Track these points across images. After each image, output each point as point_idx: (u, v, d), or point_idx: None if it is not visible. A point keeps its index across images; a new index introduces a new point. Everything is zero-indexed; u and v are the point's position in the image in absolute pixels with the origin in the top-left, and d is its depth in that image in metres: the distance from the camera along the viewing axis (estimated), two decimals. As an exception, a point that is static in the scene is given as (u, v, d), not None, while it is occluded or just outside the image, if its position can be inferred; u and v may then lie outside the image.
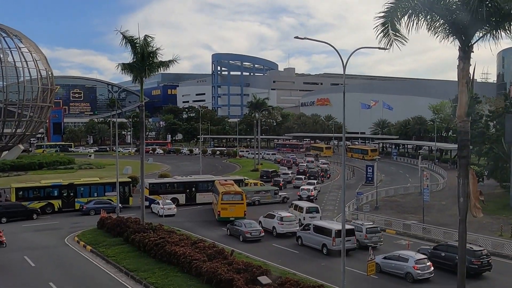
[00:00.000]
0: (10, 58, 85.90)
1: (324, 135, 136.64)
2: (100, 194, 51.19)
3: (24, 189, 49.86)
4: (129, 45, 36.41)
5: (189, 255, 27.39)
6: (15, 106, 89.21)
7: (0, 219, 44.55)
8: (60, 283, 26.43)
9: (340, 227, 32.12)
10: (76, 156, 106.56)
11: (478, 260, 27.77)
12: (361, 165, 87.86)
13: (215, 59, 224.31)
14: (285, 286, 22.33)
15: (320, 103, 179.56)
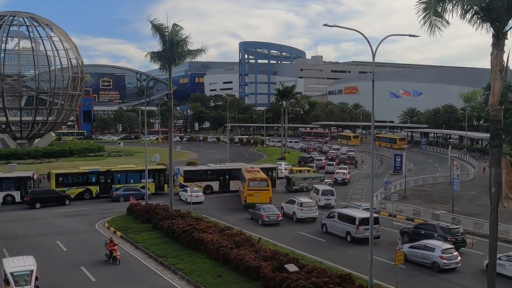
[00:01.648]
0: (42, 47, 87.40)
1: (352, 124, 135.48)
2: (136, 181, 51.95)
3: (64, 175, 50.95)
4: (158, 34, 36.73)
5: (217, 242, 27.68)
6: (47, 95, 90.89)
7: (34, 205, 45.70)
8: (91, 268, 27.05)
9: (364, 215, 33.20)
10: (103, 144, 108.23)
11: (453, 237, 30.44)
12: (389, 154, 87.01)
13: (242, 47, 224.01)
14: (312, 274, 22.35)
15: (348, 92, 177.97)
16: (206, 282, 24.06)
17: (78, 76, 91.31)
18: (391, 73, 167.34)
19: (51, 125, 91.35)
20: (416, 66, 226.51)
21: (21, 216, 42.01)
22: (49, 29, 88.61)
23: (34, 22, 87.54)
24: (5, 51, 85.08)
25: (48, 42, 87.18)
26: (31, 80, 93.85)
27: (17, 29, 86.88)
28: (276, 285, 22.06)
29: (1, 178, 49.67)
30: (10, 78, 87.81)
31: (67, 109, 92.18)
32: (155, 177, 52.67)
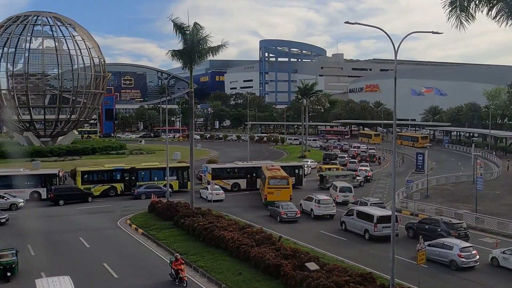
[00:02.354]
0: (65, 47, 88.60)
1: (373, 122, 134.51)
2: (160, 178, 52.35)
3: (89, 172, 51.64)
4: (179, 33, 36.98)
5: (238, 240, 27.76)
6: (70, 93, 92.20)
7: (58, 201, 46.41)
8: (113, 264, 27.35)
9: (383, 213, 33.60)
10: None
11: (455, 231, 31.42)
12: (411, 152, 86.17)
13: (263, 45, 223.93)
14: (333, 273, 22.26)
15: (369, 90, 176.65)
16: (226, 279, 24.16)
17: (100, 75, 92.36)
18: (413, 71, 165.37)
19: (74, 123, 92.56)
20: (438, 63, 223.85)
21: (45, 213, 42.68)
22: (72, 28, 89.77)
23: (58, 22, 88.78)
24: (29, 51, 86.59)
25: (71, 41, 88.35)
26: (55, 79, 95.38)
27: (41, 28, 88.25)
28: (296, 283, 22.03)
29: (28, 175, 50.67)
30: (34, 77, 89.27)
31: (90, 107, 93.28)
32: (178, 175, 53.09)
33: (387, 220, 32.62)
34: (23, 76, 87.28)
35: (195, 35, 36.74)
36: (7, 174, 50.34)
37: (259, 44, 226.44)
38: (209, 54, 38.68)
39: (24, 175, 50.43)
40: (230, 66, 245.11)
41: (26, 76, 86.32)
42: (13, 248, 25.74)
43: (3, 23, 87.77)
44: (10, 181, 48.97)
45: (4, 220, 37.35)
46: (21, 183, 49.04)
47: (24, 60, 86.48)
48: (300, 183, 55.66)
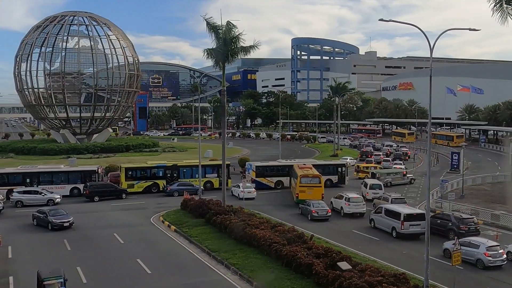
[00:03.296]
0: (100, 46, 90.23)
1: (407, 121, 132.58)
2: (201, 176, 52.77)
3: (133, 169, 52.64)
4: (212, 31, 37.23)
5: (269, 238, 27.78)
6: (104, 91, 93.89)
7: (93, 198, 47.36)
8: (147, 260, 27.72)
9: (410, 211, 33.88)
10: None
11: (466, 226, 32.41)
12: (446, 152, 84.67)
13: (295, 43, 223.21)
14: (366, 273, 22.07)
15: (403, 88, 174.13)
16: (258, 277, 24.21)
17: (134, 74, 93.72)
18: (448, 69, 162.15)
19: (108, 121, 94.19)
20: (475, 61, 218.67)
21: (81, 209, 43.53)
22: (107, 28, 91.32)
23: (93, 22, 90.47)
24: (66, 50, 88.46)
25: (106, 40, 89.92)
26: (90, 77, 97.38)
27: (77, 28, 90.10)
28: (328, 282, 21.92)
29: (68, 171, 51.95)
30: (70, 76, 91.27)
31: (124, 105, 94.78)
32: (219, 172, 53.45)
33: (414, 218, 33.17)
34: (59, 75, 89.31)
35: (227, 34, 36.93)
36: (48, 171, 51.77)
37: (291, 42, 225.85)
38: (241, 53, 38.89)
39: (65, 172, 51.74)
40: (262, 64, 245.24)
41: (62, 75, 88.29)
42: (60, 276, 20.56)
43: (41, 23, 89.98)
44: (51, 177, 50.39)
45: (67, 224, 35.68)
46: (61, 179, 50.46)
47: (61, 59, 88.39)
48: (343, 181, 55.59)
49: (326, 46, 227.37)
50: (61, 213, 36.39)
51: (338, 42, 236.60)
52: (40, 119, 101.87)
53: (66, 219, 35.64)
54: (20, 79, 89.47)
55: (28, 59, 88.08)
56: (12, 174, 50.36)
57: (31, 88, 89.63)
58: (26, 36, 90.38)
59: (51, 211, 36.46)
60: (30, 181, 49.37)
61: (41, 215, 36.34)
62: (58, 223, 35.06)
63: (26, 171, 50.88)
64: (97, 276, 25.38)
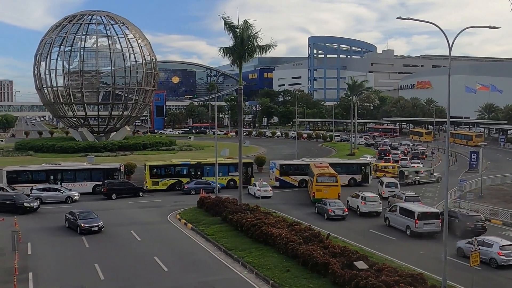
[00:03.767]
0: (118, 45, 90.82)
1: (425, 120, 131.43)
2: (224, 174, 52.91)
3: (157, 167, 53.12)
4: (229, 30, 37.32)
5: (285, 237, 27.78)
6: (122, 90, 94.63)
7: (111, 195, 47.77)
8: (164, 258, 27.89)
9: (424, 210, 33.85)
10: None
11: (472, 223, 32.67)
12: (464, 151, 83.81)
13: (311, 42, 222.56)
14: (383, 273, 21.95)
15: (420, 86, 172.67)
16: (274, 276, 24.21)
17: (151, 72, 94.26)
18: (467, 67, 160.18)
19: (126, 119, 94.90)
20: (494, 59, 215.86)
21: (98, 206, 43.84)
22: (125, 27, 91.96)
23: (111, 21, 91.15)
24: (84, 49, 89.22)
25: (123, 39, 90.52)
26: (108, 76, 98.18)
27: (95, 27, 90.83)
28: (345, 282, 21.85)
29: (91, 169, 52.63)
30: (89, 75, 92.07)
31: (141, 104, 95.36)
32: None
33: (428, 217, 33.15)
34: (78, 73, 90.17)
35: (244, 33, 36.98)
36: (71, 168, 52.55)
37: (307, 41, 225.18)
38: (258, 52, 38.94)
39: (87, 169, 52.45)
40: (278, 63, 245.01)
41: (81, 73, 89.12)
42: None
43: (59, 23, 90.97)
44: (74, 174, 51.14)
45: (96, 229, 33.93)
46: (84, 176, 51.10)
47: (79, 58, 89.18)
48: (366, 180, 55.38)
49: (343, 44, 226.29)
50: (91, 217, 34.65)
51: (355, 40, 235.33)
52: (58, 117, 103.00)
53: (95, 223, 33.98)
54: (40, 78, 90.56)
55: (47, 58, 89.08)
56: (36, 171, 51.15)
57: (50, 87, 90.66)
58: (45, 35, 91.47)
59: (81, 214, 34.66)
60: (54, 179, 50.15)
61: (71, 217, 34.93)
62: (87, 227, 33.52)
63: (50, 169, 51.66)
64: (114, 273, 25.62)
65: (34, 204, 41.52)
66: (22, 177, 50.16)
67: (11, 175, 49.66)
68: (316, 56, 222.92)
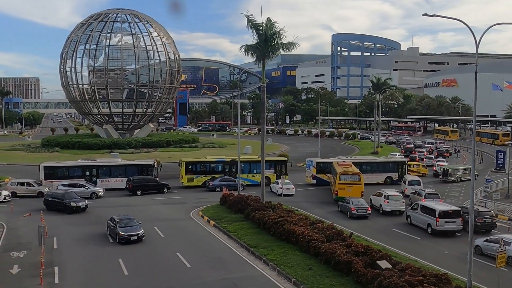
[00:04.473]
0: (142, 43, 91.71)
1: (450, 118, 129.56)
2: (258, 171, 53.03)
3: (193, 163, 53.77)
4: (253, 28, 37.31)
5: (308, 235, 27.70)
6: (146, 87, 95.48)
7: (136, 192, 48.30)
8: (186, 254, 28.09)
9: (445, 208, 33.64)
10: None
11: (481, 219, 33.20)
12: (491, 150, 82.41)
13: (335, 39, 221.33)
14: (406, 272, 21.72)
15: (446, 84, 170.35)
16: (296, 274, 24.18)
17: (175, 70, 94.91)
18: (494, 65, 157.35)
19: (149, 116, 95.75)
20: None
21: (123, 202, 44.46)
22: (149, 25, 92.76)
23: (136, 19, 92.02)
24: (109, 47, 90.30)
25: (148, 37, 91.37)
26: (132, 73, 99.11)
27: (120, 25, 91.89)
28: (367, 281, 21.69)
29: (126, 165, 53.45)
30: (113, 72, 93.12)
31: (165, 101, 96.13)
32: (276, 168, 53.93)
33: (450, 215, 32.99)
34: (103, 71, 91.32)
35: (268, 30, 36.93)
36: (107, 164, 53.44)
37: (331, 38, 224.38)
38: (281, 50, 38.84)
39: (122, 165, 53.23)
40: (301, 60, 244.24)
41: (106, 71, 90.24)
42: None
43: (85, 21, 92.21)
44: (110, 170, 52.04)
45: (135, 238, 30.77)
46: (119, 172, 51.90)
47: (104, 56, 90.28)
48: (402, 178, 54.80)
49: (367, 42, 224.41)
50: (132, 224, 31.54)
51: (379, 38, 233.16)
52: (84, 114, 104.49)
53: (135, 232, 30.81)
54: (66, 75, 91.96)
55: (73, 56, 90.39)
56: (72, 167, 52.15)
57: (75, 84, 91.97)
58: (71, 33, 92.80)
59: (121, 221, 31.48)
60: (90, 174, 51.11)
61: (112, 224, 31.93)
62: (125, 236, 30.31)
63: (86, 165, 52.63)
64: (138, 268, 25.89)
65: (81, 203, 40.33)
66: (59, 172, 51.10)
67: (48, 170, 50.69)
68: (339, 54, 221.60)
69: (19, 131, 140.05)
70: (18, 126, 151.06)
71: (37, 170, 55.21)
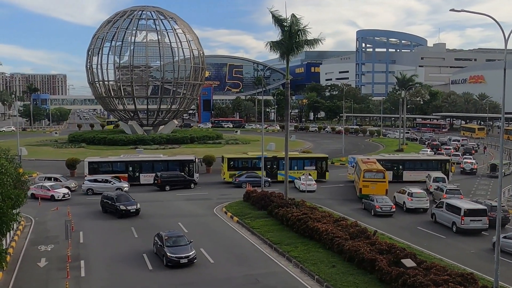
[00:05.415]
0: (167, 39, 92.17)
1: (477, 115, 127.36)
2: (299, 168, 53.38)
3: (235, 159, 54.09)
4: (277, 24, 37.25)
5: (331, 232, 27.61)
6: (171, 84, 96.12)
7: (164, 187, 48.80)
8: (209, 250, 28.27)
9: (471, 206, 33.24)
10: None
11: (493, 213, 32.46)
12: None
13: (360, 35, 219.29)
14: (431, 271, 21.48)
15: (473, 81, 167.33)
16: (320, 271, 24.13)
17: (199, 67, 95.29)
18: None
19: (174, 113, 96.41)
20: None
21: (148, 198, 44.82)
22: (174, 22, 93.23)
23: (160, 16, 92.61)
24: (134, 44, 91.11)
25: (172, 34, 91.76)
26: (157, 70, 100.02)
27: (145, 22, 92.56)
28: (391, 279, 21.53)
29: (168, 160, 54.32)
30: (138, 69, 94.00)
31: (189, 98, 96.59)
32: (317, 165, 53.86)
33: (475, 214, 32.59)
34: (128, 68, 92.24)
35: (293, 27, 36.81)
36: (149, 159, 54.06)
37: (356, 35, 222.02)
38: (305, 46, 38.68)
39: (164, 161, 54.09)
40: (325, 57, 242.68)
41: (131, 68, 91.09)
42: None
43: (111, 18, 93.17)
44: (152, 165, 52.57)
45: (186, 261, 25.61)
46: (161, 168, 52.33)
47: (130, 52, 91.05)
48: (446, 176, 53.79)
49: (392, 38, 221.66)
50: (182, 243, 26.47)
51: (405, 34, 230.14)
52: (109, 111, 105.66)
53: (185, 253, 25.79)
54: (92, 72, 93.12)
55: (99, 52, 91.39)
56: (116, 162, 53.03)
57: (101, 81, 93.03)
58: (98, 30, 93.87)
59: (169, 239, 26.59)
60: (132, 169, 51.97)
61: (159, 242, 27.12)
62: (174, 258, 25.45)
63: (129, 160, 53.43)
64: (162, 263, 26.12)
65: (131, 207, 36.53)
66: (103, 167, 52.03)
67: (92, 165, 51.63)
68: (364, 50, 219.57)
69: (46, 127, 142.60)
70: (46, 122, 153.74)
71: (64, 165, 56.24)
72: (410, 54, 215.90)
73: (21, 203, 21.76)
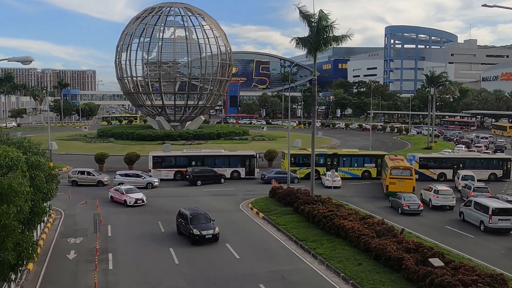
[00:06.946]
0: (194, 36, 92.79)
1: (509, 113, 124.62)
2: (359, 165, 53.52)
3: (296, 156, 54.08)
4: (305, 20, 37.05)
5: (358, 230, 27.43)
6: (198, 80, 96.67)
7: (196, 182, 49.26)
8: (235, 245, 28.40)
9: (499, 205, 32.74)
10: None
11: None
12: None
13: (388, 31, 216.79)
14: (459, 271, 21.16)
15: (505, 78, 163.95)
16: (345, 269, 24.01)
17: (226, 63, 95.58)
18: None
19: (201, 109, 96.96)
20: None
21: (176, 193, 45.25)
22: (201, 18, 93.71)
23: (188, 12, 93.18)
24: (162, 40, 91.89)
25: (200, 30, 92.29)
26: (184, 66, 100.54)
27: (173, 19, 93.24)
28: (419, 278, 21.29)
29: (229, 155, 54.88)
30: (166, 65, 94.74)
31: (216, 94, 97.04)
32: (377, 162, 53.65)
33: (504, 213, 32.02)
34: (156, 64, 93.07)
35: (320, 23, 36.56)
36: (211, 154, 54.68)
37: (384, 31, 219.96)
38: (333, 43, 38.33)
39: (226, 156, 54.61)
40: (353, 53, 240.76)
41: (159, 64, 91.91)
42: None
43: (140, 15, 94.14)
44: (214, 160, 53.28)
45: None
46: (223, 163, 53.28)
47: (158, 49, 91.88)
48: (508, 175, 53.60)
49: (422, 34, 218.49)
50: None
51: (434, 30, 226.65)
52: (137, 106, 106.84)
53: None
54: (121, 68, 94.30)
55: (128, 49, 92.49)
56: (179, 157, 54.07)
57: (130, 77, 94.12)
58: (126, 27, 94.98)
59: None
60: (195, 164, 52.60)
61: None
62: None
63: (192, 155, 54.31)
64: (188, 258, 26.37)
65: (206, 232, 28.81)
66: (167, 162, 53.09)
67: (156, 160, 52.67)
68: (393, 47, 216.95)
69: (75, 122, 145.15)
70: (75, 117, 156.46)
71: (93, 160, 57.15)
72: (440, 50, 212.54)
73: (52, 196, 22.24)
